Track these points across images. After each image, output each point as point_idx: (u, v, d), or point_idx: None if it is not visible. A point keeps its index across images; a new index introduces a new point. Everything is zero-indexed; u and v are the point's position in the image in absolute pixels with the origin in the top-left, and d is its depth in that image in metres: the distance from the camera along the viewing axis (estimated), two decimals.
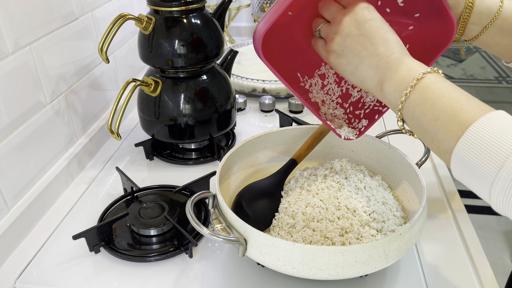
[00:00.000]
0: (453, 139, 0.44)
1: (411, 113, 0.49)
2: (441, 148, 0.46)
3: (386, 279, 0.63)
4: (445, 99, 0.47)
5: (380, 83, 0.53)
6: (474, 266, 0.65)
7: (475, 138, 0.42)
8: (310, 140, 0.74)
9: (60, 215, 0.77)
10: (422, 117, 0.48)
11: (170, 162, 0.91)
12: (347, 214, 0.62)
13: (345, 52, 0.56)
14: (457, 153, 0.44)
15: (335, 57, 0.57)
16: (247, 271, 0.65)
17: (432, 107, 0.47)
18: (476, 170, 0.42)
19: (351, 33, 0.55)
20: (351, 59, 0.55)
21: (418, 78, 0.49)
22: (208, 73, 0.87)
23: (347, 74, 0.57)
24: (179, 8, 0.80)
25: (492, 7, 0.59)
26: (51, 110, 0.80)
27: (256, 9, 1.50)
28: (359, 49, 0.54)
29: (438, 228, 0.72)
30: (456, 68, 3.65)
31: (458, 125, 0.44)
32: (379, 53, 0.53)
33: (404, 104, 0.50)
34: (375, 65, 0.54)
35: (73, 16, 0.85)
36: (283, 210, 0.65)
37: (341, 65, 0.57)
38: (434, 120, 0.47)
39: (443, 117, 0.46)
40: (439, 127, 0.46)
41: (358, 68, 0.55)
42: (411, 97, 0.49)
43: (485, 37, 0.61)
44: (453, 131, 0.44)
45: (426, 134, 0.48)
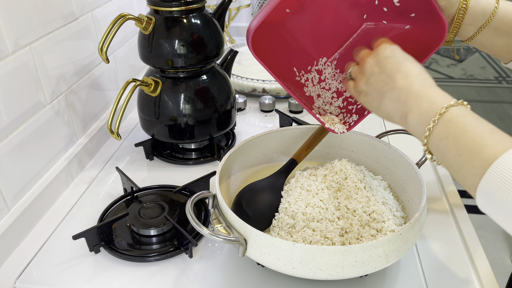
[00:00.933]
0: (477, 176, 0.44)
1: (435, 147, 0.50)
2: (467, 184, 0.46)
3: (386, 279, 0.63)
4: (469, 133, 0.46)
5: (403, 116, 0.54)
6: (474, 266, 0.65)
7: (498, 175, 0.42)
8: (310, 140, 0.74)
9: (60, 215, 0.77)
10: (446, 152, 0.48)
11: (170, 162, 0.91)
12: (347, 214, 0.62)
13: (370, 89, 0.58)
14: (481, 189, 0.44)
15: (363, 96, 0.60)
16: (247, 271, 0.64)
17: (455, 142, 0.47)
18: (502, 206, 0.42)
19: (373, 72, 0.57)
20: (375, 96, 0.57)
21: (441, 113, 0.49)
22: (208, 73, 0.87)
23: (374, 110, 0.59)
24: (179, 8, 0.80)
25: (487, 8, 0.59)
26: (51, 110, 0.80)
27: (256, 9, 1.50)
28: (381, 85, 0.56)
29: (438, 228, 0.72)
30: (456, 68, 3.65)
31: (481, 162, 0.44)
32: (398, 87, 0.54)
33: (429, 139, 0.50)
34: (396, 98, 0.54)
35: (73, 16, 0.85)
36: (283, 210, 0.65)
37: (368, 102, 0.59)
38: (457, 156, 0.47)
39: (467, 153, 0.46)
40: (463, 163, 0.46)
41: (381, 103, 0.57)
42: (435, 132, 0.49)
43: (480, 38, 0.62)
44: (477, 167, 0.44)
45: (451, 168, 0.48)
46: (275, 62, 0.66)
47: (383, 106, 0.56)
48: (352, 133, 0.77)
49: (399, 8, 0.62)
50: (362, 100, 0.60)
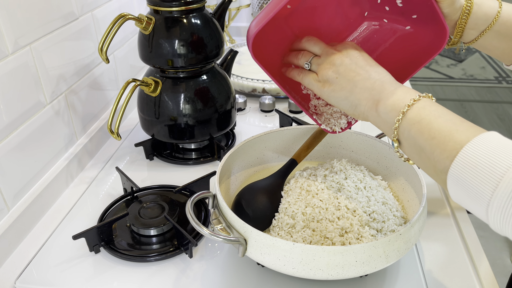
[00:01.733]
0: (448, 158, 0.45)
1: (407, 132, 0.50)
2: (438, 168, 0.47)
3: (386, 279, 0.63)
4: (441, 119, 0.48)
5: (375, 103, 0.54)
6: (474, 266, 0.65)
7: (470, 157, 0.43)
8: (310, 140, 0.74)
9: (60, 215, 0.77)
10: (419, 136, 0.49)
11: (170, 162, 0.91)
12: (347, 214, 0.62)
13: (339, 79, 0.58)
14: (452, 172, 0.45)
15: (328, 86, 0.59)
16: (247, 271, 0.65)
17: (428, 126, 0.48)
18: (472, 189, 0.43)
19: (343, 62, 0.58)
20: (345, 85, 0.57)
21: (415, 99, 0.51)
22: (208, 73, 0.87)
23: (340, 100, 0.59)
24: (179, 8, 0.80)
25: (489, 13, 0.59)
26: (51, 110, 0.80)
27: (256, 9, 1.50)
28: (352, 75, 0.57)
29: (438, 228, 0.72)
30: (456, 68, 3.65)
31: (453, 145, 0.45)
32: (372, 77, 0.56)
33: (400, 123, 0.51)
34: (370, 87, 0.56)
35: (73, 16, 0.85)
36: (283, 210, 0.65)
37: (335, 91, 0.58)
38: (430, 139, 0.47)
39: (439, 136, 0.47)
40: (435, 146, 0.47)
41: (352, 92, 0.57)
42: (408, 116, 0.50)
43: (482, 41, 0.62)
44: (449, 150, 0.45)
45: (422, 153, 0.49)
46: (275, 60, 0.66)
47: (354, 94, 0.56)
48: (352, 133, 0.77)
49: (401, 8, 0.62)
50: (325, 90, 0.59)
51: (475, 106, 3.11)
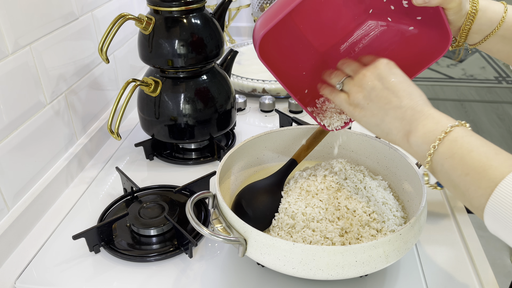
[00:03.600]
0: (483, 196, 0.44)
1: (440, 166, 0.49)
2: (474, 204, 0.46)
3: (386, 279, 0.63)
4: (474, 153, 0.46)
5: (406, 134, 0.53)
6: (474, 266, 0.65)
7: (505, 196, 0.42)
8: (310, 140, 0.74)
9: (60, 215, 0.77)
10: (452, 171, 0.48)
11: (170, 162, 0.91)
12: (347, 215, 0.62)
13: (370, 105, 0.56)
14: (489, 210, 0.44)
15: (359, 111, 0.58)
16: (247, 271, 0.64)
17: (461, 162, 0.47)
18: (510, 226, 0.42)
19: (375, 87, 0.56)
20: (376, 112, 0.56)
21: (446, 131, 0.49)
22: (208, 73, 0.87)
23: (371, 126, 0.57)
24: (179, 8, 0.80)
25: (494, 18, 0.59)
26: (51, 110, 0.80)
27: (256, 9, 1.50)
28: (384, 102, 0.55)
29: (438, 228, 0.72)
30: (456, 68, 3.65)
31: (487, 182, 0.44)
32: (404, 105, 0.54)
33: (432, 157, 0.50)
34: (400, 117, 0.54)
35: (73, 16, 0.85)
36: (282, 211, 0.65)
37: (366, 117, 0.57)
38: (464, 175, 0.46)
39: (473, 173, 0.45)
40: (470, 184, 0.46)
41: (383, 121, 0.55)
42: (440, 150, 0.49)
43: (487, 44, 0.62)
44: (483, 188, 0.44)
45: (457, 189, 0.48)
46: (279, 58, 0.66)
47: (385, 123, 0.55)
48: (352, 133, 0.77)
49: (406, 9, 0.62)
50: (357, 114, 0.58)
51: (475, 106, 3.11)
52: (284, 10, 0.55)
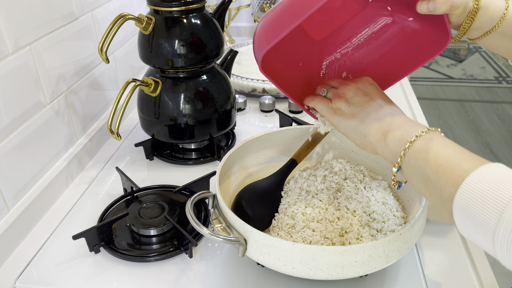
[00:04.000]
0: (454, 185, 0.45)
1: (413, 161, 0.50)
2: (443, 195, 0.46)
3: (386, 279, 0.63)
4: (449, 149, 0.48)
5: (384, 134, 0.55)
6: (474, 265, 0.65)
7: (475, 185, 0.43)
8: (310, 140, 0.73)
9: (60, 215, 0.77)
10: (425, 164, 0.49)
11: (170, 162, 0.91)
12: (347, 215, 0.62)
13: (351, 108, 0.59)
14: (458, 200, 0.44)
15: (339, 113, 0.60)
16: (247, 271, 0.65)
17: (436, 155, 0.48)
18: (477, 217, 0.42)
19: (358, 93, 0.60)
20: (356, 114, 0.58)
21: (424, 131, 0.51)
22: (208, 73, 0.87)
23: (350, 128, 0.59)
24: (179, 8, 0.80)
25: (495, 15, 0.58)
26: (51, 110, 0.80)
27: (256, 9, 1.50)
28: (365, 105, 0.58)
29: (438, 228, 0.72)
30: (456, 68, 3.65)
31: (460, 172, 0.45)
32: (384, 110, 0.57)
33: (407, 152, 0.51)
34: (380, 118, 0.56)
35: (73, 16, 0.85)
36: (282, 211, 0.65)
37: (346, 120, 0.59)
38: (437, 166, 0.47)
39: (446, 164, 0.47)
40: (442, 174, 0.47)
41: (363, 121, 0.57)
42: (416, 146, 0.50)
43: (486, 40, 0.61)
44: (455, 177, 0.45)
45: (428, 181, 0.48)
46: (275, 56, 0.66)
47: (364, 124, 0.57)
48: None
49: (407, 2, 0.62)
50: (336, 117, 0.60)
51: (475, 106, 3.11)
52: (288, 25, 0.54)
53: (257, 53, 0.58)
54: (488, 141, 2.72)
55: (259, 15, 1.50)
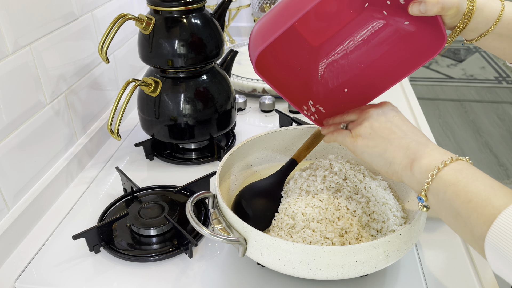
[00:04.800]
0: (486, 224, 0.43)
1: (442, 194, 0.48)
2: (475, 233, 0.44)
3: (386, 279, 0.63)
4: (479, 183, 0.46)
5: (410, 162, 0.53)
6: (474, 265, 0.65)
7: (508, 224, 0.41)
8: (310, 140, 0.74)
9: (60, 215, 0.77)
10: (454, 198, 0.47)
11: (170, 162, 0.91)
12: (347, 215, 0.62)
13: (372, 135, 0.57)
14: (490, 239, 0.42)
15: (361, 140, 0.58)
16: (247, 271, 0.65)
17: (465, 189, 0.46)
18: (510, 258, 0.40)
19: (378, 119, 0.58)
20: (379, 142, 0.56)
21: (453, 159, 0.49)
22: (208, 73, 0.87)
23: (374, 156, 0.57)
24: (179, 8, 0.80)
25: (490, 16, 0.58)
26: (51, 110, 0.80)
27: (256, 9, 1.50)
28: (387, 132, 0.56)
29: (438, 228, 0.72)
30: (456, 68, 3.65)
31: (491, 210, 0.43)
32: (408, 137, 0.55)
33: (433, 181, 0.49)
34: (405, 146, 0.54)
35: (73, 16, 0.85)
36: (282, 211, 0.65)
37: (369, 147, 0.57)
38: (466, 202, 0.45)
39: (477, 200, 0.44)
40: (472, 210, 0.45)
41: (387, 150, 0.56)
42: (444, 178, 0.48)
43: (482, 41, 0.61)
44: (486, 215, 0.43)
45: (458, 217, 0.46)
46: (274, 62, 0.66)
47: (389, 152, 0.55)
48: None
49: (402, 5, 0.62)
50: (359, 144, 0.58)
51: (475, 106, 3.11)
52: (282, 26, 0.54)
53: (252, 54, 0.59)
54: (488, 141, 2.72)
55: (259, 15, 1.50)
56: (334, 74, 0.71)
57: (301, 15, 0.52)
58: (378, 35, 0.67)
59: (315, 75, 0.71)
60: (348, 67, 0.70)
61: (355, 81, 0.69)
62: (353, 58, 0.69)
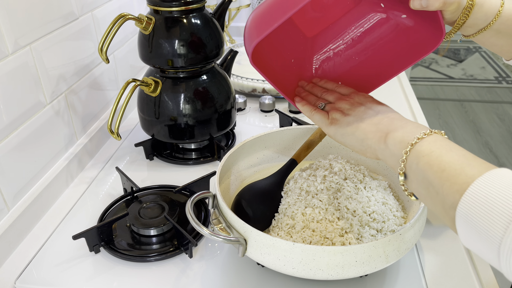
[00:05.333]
0: (458, 192, 0.42)
1: (415, 165, 0.47)
2: (446, 203, 0.44)
3: (386, 279, 0.63)
4: (453, 153, 0.45)
5: (383, 136, 0.53)
6: (474, 265, 0.65)
7: (480, 192, 0.40)
8: (310, 140, 0.73)
9: (60, 215, 0.77)
10: (427, 168, 0.46)
11: (170, 162, 0.91)
12: (347, 215, 0.62)
13: (346, 117, 0.58)
14: (462, 207, 0.41)
15: (335, 123, 0.59)
16: (247, 271, 0.65)
17: (438, 159, 0.45)
18: (482, 227, 0.39)
19: (354, 105, 0.59)
20: (351, 121, 0.57)
21: (427, 133, 0.49)
22: (208, 73, 0.87)
23: (346, 135, 0.58)
24: (179, 8, 0.80)
25: (489, 12, 0.58)
26: (51, 110, 0.80)
27: None
28: (360, 114, 0.57)
29: (438, 228, 0.72)
30: (456, 68, 3.65)
31: (464, 178, 0.42)
32: (380, 114, 0.56)
33: (408, 155, 0.48)
34: (376, 122, 0.55)
35: (73, 16, 0.85)
36: (282, 211, 0.65)
37: (341, 127, 0.58)
38: (440, 171, 0.45)
39: (450, 169, 0.44)
40: (445, 179, 0.44)
41: (358, 127, 0.56)
42: (417, 148, 0.48)
43: (480, 37, 0.61)
44: (459, 183, 0.42)
45: (430, 187, 0.46)
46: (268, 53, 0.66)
47: (360, 129, 0.56)
48: None
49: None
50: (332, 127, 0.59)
51: (475, 106, 3.11)
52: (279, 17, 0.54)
53: (248, 46, 0.58)
54: (488, 141, 2.72)
55: None
56: (329, 66, 0.70)
57: (301, 6, 0.51)
58: (374, 29, 0.67)
59: (309, 68, 0.71)
60: (344, 60, 0.69)
61: (350, 74, 0.68)
62: (349, 51, 0.69)
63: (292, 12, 0.52)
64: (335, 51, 0.70)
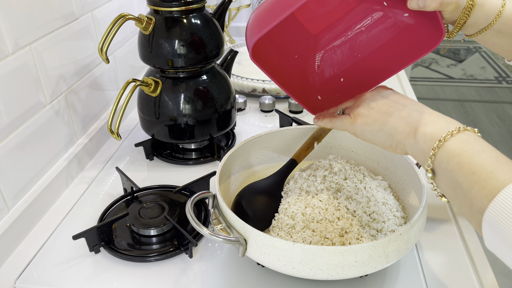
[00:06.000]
0: (487, 197, 0.40)
1: (445, 164, 0.46)
2: (474, 207, 0.42)
3: (386, 279, 0.63)
4: (485, 155, 0.44)
5: (413, 130, 0.51)
6: (474, 265, 0.65)
7: (510, 200, 0.39)
8: (310, 140, 0.74)
9: (60, 215, 0.77)
10: (457, 169, 0.44)
11: (170, 162, 0.91)
12: (347, 215, 0.62)
13: (370, 112, 0.57)
14: (489, 213, 0.40)
15: (360, 119, 0.58)
16: (247, 271, 0.65)
17: (470, 161, 0.44)
18: (509, 236, 0.38)
19: (375, 98, 0.58)
20: (378, 117, 0.56)
21: (460, 129, 0.47)
22: (208, 73, 0.87)
23: (375, 132, 0.56)
24: (179, 8, 0.80)
25: (490, 12, 0.58)
26: (51, 110, 0.80)
27: None
28: (385, 108, 0.56)
29: (438, 228, 0.72)
30: (456, 68, 3.65)
31: (495, 183, 0.40)
32: (408, 107, 0.54)
33: (439, 153, 0.47)
34: (406, 116, 0.53)
35: (73, 16, 0.85)
36: (282, 211, 0.65)
37: (368, 124, 0.57)
38: (470, 174, 0.43)
39: (481, 172, 0.42)
40: (475, 183, 0.42)
41: (386, 122, 0.55)
42: (449, 147, 0.46)
43: (481, 37, 0.61)
44: (489, 188, 0.41)
45: (459, 189, 0.44)
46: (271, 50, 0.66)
47: (389, 124, 0.54)
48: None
49: None
50: (358, 124, 0.58)
51: (475, 106, 3.11)
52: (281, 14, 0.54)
53: (249, 41, 0.58)
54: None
55: None
56: (331, 63, 0.71)
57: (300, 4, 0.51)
58: (376, 26, 0.67)
59: (312, 64, 0.71)
60: (346, 57, 0.70)
61: (351, 71, 0.69)
62: (351, 48, 0.69)
63: (292, 10, 0.52)
64: (338, 47, 0.70)
